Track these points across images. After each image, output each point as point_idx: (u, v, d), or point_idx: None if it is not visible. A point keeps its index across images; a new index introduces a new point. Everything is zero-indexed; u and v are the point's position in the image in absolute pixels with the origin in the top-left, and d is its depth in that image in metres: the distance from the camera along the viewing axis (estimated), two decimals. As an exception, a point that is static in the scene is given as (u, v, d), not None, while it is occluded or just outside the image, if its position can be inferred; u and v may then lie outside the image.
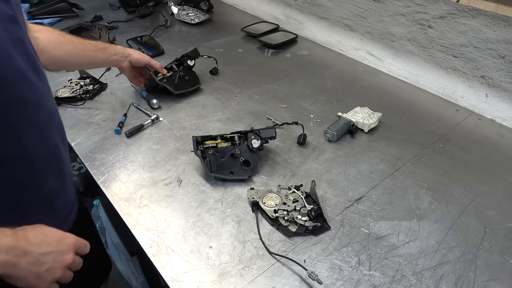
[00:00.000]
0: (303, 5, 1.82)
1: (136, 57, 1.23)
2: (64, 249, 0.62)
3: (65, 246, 0.63)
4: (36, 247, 0.57)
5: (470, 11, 1.23)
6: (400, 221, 0.94)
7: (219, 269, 0.82)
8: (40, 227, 0.61)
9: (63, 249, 0.62)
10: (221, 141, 1.09)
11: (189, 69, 1.41)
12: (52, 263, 0.60)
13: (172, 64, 1.38)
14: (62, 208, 0.85)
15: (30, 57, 0.68)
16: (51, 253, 0.59)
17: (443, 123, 1.30)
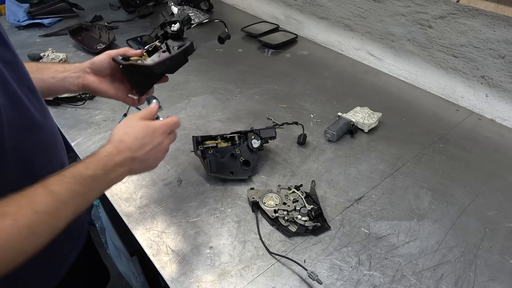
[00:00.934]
0: (303, 5, 1.82)
1: (98, 58, 0.86)
2: (159, 140, 0.72)
3: (160, 137, 0.72)
4: (138, 151, 0.68)
5: (470, 11, 1.23)
6: (400, 221, 0.94)
7: (219, 269, 0.82)
8: (132, 132, 0.69)
9: (159, 140, 0.72)
10: (221, 141, 1.09)
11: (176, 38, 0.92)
12: (155, 154, 0.71)
13: (155, 43, 0.89)
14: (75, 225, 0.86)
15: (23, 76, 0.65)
16: (151, 149, 0.70)
17: (443, 123, 1.30)
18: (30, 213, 0.52)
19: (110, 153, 0.64)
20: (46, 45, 1.70)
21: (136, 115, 0.73)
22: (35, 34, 1.81)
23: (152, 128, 0.71)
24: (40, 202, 0.53)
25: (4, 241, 0.48)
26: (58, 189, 0.56)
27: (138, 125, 0.70)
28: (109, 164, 0.63)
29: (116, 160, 0.64)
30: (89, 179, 0.60)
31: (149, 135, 0.70)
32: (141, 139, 0.68)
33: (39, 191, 0.54)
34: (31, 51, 1.58)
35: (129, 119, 0.72)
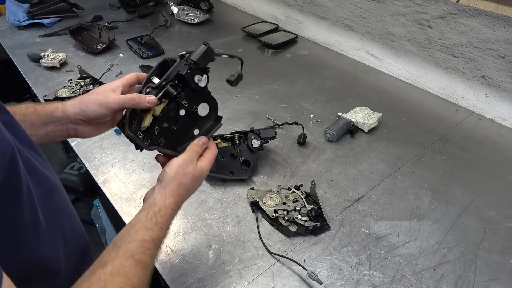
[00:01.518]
0: (303, 5, 1.82)
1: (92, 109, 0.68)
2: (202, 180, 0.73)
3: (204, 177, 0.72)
4: (187, 197, 0.70)
5: (470, 11, 1.23)
6: (400, 221, 0.94)
7: (219, 269, 0.82)
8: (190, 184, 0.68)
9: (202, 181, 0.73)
10: (221, 141, 1.09)
11: (197, 94, 0.72)
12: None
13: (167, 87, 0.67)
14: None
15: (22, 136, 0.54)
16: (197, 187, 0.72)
17: (443, 123, 1.30)
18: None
19: (173, 209, 0.66)
20: (46, 45, 1.70)
21: (194, 159, 0.69)
22: (35, 34, 1.81)
23: (202, 177, 0.71)
24: (134, 276, 0.54)
25: None
26: (144, 258, 0.57)
27: (195, 175, 0.69)
28: (171, 221, 0.66)
29: (175, 213, 0.67)
30: (162, 239, 0.63)
31: (198, 184, 0.71)
32: (192, 190, 0.71)
33: (128, 265, 0.54)
34: (31, 51, 1.58)
35: (189, 163, 0.68)
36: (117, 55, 1.66)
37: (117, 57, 1.64)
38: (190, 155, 0.69)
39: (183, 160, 0.68)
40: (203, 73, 0.69)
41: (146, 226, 0.60)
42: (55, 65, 1.53)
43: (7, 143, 0.45)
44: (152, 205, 0.64)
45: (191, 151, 0.70)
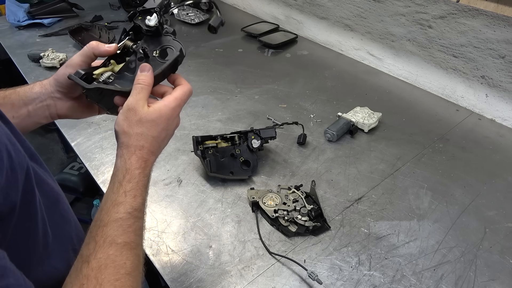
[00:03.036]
0: (303, 5, 1.82)
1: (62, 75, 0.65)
2: (174, 125, 0.64)
3: (175, 121, 0.64)
4: (158, 150, 0.61)
5: (470, 11, 1.23)
6: (400, 221, 0.94)
7: (219, 269, 0.82)
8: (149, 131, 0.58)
9: (175, 125, 0.64)
10: (221, 141, 1.09)
11: (154, 36, 0.67)
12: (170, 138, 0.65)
13: (125, 41, 0.68)
14: None
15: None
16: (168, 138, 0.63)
17: (443, 123, 1.30)
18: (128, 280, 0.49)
19: (140, 167, 0.57)
20: (46, 45, 1.70)
21: (139, 101, 0.58)
22: (35, 34, 1.81)
23: (166, 117, 0.60)
24: (125, 263, 0.50)
25: None
26: (128, 238, 0.52)
27: (150, 119, 0.58)
28: (145, 181, 0.58)
29: (146, 172, 0.58)
30: (141, 207, 0.56)
31: (165, 127, 0.60)
32: (158, 137, 0.59)
33: (113, 252, 0.49)
34: (31, 51, 1.58)
35: (133, 110, 0.58)
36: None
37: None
38: (133, 98, 0.58)
39: (127, 108, 0.58)
40: (150, 14, 0.64)
41: (116, 201, 0.54)
42: (55, 65, 1.53)
43: (22, 156, 0.45)
44: (115, 174, 0.57)
45: (134, 90, 0.59)
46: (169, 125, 0.62)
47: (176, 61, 0.65)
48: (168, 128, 0.61)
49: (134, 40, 0.67)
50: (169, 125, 0.62)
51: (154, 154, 0.60)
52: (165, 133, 0.61)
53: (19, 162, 0.43)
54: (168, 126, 0.61)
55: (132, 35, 0.67)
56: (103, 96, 0.63)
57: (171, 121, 0.62)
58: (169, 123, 0.61)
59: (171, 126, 0.62)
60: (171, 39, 0.66)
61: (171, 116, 0.61)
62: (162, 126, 0.60)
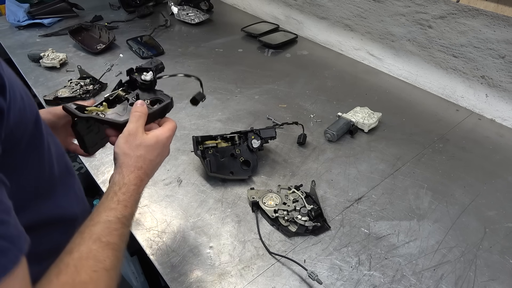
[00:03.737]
0: (303, 5, 1.82)
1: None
2: (167, 151, 0.71)
3: (167, 150, 0.71)
4: (152, 172, 0.68)
5: (470, 11, 1.23)
6: (400, 221, 0.94)
7: (219, 269, 0.82)
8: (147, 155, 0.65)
9: (166, 152, 0.71)
10: (221, 141, 1.09)
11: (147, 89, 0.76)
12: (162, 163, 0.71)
13: (117, 91, 0.75)
14: None
15: None
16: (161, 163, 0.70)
17: (443, 123, 1.30)
18: (105, 275, 0.51)
19: (136, 185, 0.63)
20: (46, 45, 1.70)
21: (139, 128, 0.66)
22: (35, 34, 1.81)
23: (162, 144, 0.68)
24: (105, 259, 0.52)
25: None
26: (112, 240, 0.55)
27: (148, 144, 0.66)
28: (138, 197, 0.64)
29: (140, 190, 0.65)
30: (129, 217, 0.61)
31: (160, 152, 0.68)
32: (154, 160, 0.67)
33: (95, 248, 0.52)
34: (31, 51, 1.58)
35: (134, 135, 0.65)
36: (117, 55, 1.66)
37: (117, 57, 1.64)
38: (131, 126, 0.66)
39: (127, 133, 0.65)
40: (147, 71, 0.74)
41: (108, 207, 0.59)
42: (55, 65, 1.53)
43: (34, 105, 0.53)
44: (111, 186, 0.62)
45: (132, 117, 0.66)
46: (163, 151, 0.69)
47: (167, 107, 0.72)
48: (162, 154, 0.69)
49: (126, 91, 0.76)
50: (163, 152, 0.69)
51: (148, 176, 0.67)
52: (160, 158, 0.69)
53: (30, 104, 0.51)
54: (163, 152, 0.69)
55: (126, 87, 0.76)
56: (90, 130, 0.70)
57: (165, 148, 0.69)
58: (163, 150, 0.69)
59: (164, 153, 0.70)
60: (163, 93, 0.75)
61: (165, 144, 0.69)
62: (158, 151, 0.67)
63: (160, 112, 0.72)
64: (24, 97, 0.49)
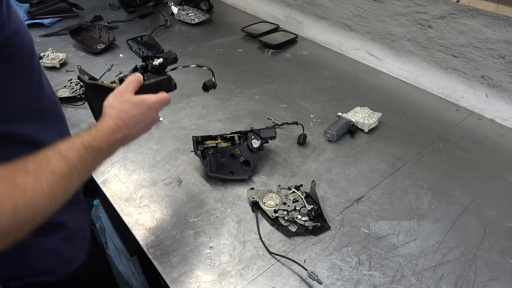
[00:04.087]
0: (303, 5, 1.82)
1: None
2: (152, 116, 0.75)
3: (152, 113, 0.75)
4: (134, 128, 0.71)
5: (470, 11, 1.23)
6: (400, 221, 0.94)
7: (219, 269, 0.82)
8: (129, 110, 0.71)
9: (152, 117, 0.76)
10: (221, 141, 1.09)
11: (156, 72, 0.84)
12: (146, 129, 0.76)
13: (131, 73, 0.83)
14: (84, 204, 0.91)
15: None
16: (144, 125, 0.74)
17: (443, 123, 1.30)
18: (49, 174, 0.53)
19: (113, 129, 0.67)
20: (46, 45, 1.70)
21: (129, 89, 0.73)
22: (35, 34, 1.80)
23: (147, 105, 0.74)
24: (56, 165, 0.55)
25: (29, 197, 0.49)
26: (70, 155, 0.58)
27: (134, 101, 0.72)
28: (111, 140, 0.67)
29: (117, 136, 0.68)
30: (96, 150, 0.63)
31: (144, 112, 0.73)
32: (137, 117, 0.72)
33: (53, 155, 0.56)
34: (31, 51, 1.57)
35: (123, 92, 0.73)
36: (117, 55, 1.66)
37: (117, 57, 1.64)
38: (122, 86, 0.74)
39: (117, 91, 0.73)
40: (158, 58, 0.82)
41: (79, 135, 0.63)
42: (55, 65, 1.53)
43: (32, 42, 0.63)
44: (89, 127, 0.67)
45: (124, 82, 0.75)
46: (149, 113, 0.74)
47: (162, 81, 0.81)
48: (147, 115, 0.73)
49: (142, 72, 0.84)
50: (149, 113, 0.74)
51: (128, 129, 0.70)
52: (144, 118, 0.73)
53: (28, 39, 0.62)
54: (148, 114, 0.74)
55: (140, 70, 0.84)
56: (99, 96, 0.75)
57: (150, 110, 0.74)
58: (149, 111, 0.74)
59: (150, 115, 0.74)
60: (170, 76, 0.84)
61: (151, 106, 0.74)
62: (142, 111, 0.72)
63: (155, 85, 0.79)
64: (24, 28, 0.60)
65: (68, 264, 0.82)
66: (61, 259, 0.80)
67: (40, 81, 0.69)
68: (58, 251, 0.78)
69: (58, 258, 0.79)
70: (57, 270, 0.80)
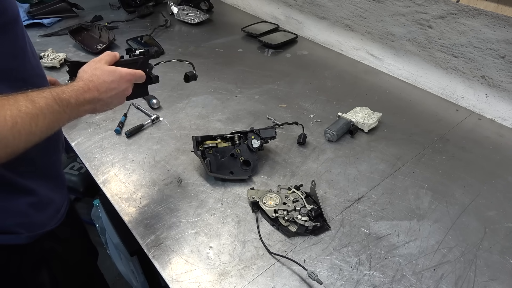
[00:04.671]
0: (303, 5, 1.82)
1: None
2: (124, 87, 0.79)
3: (124, 84, 0.79)
4: (104, 94, 0.74)
5: (470, 11, 1.23)
6: (400, 221, 0.94)
7: (219, 269, 0.82)
8: (101, 75, 0.75)
9: (124, 87, 0.79)
10: (221, 141, 1.09)
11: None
12: (118, 99, 0.79)
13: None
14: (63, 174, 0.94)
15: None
16: (116, 94, 0.77)
17: (443, 123, 1.30)
18: (14, 109, 0.57)
19: (82, 88, 0.70)
20: (46, 45, 1.70)
21: (102, 60, 0.79)
22: (35, 34, 1.80)
23: (119, 74, 0.77)
24: (23, 104, 0.58)
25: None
26: (38, 100, 0.61)
27: (106, 69, 0.76)
28: (80, 97, 0.69)
29: (86, 96, 0.71)
30: (65, 102, 0.66)
31: (115, 80, 0.76)
32: (108, 83, 0.75)
33: (21, 97, 0.59)
34: (31, 51, 1.57)
35: (96, 62, 0.78)
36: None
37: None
38: (97, 58, 0.79)
39: (91, 61, 0.79)
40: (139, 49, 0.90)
41: (48, 87, 0.66)
42: (55, 65, 1.53)
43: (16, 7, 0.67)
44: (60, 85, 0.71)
45: (100, 56, 0.80)
46: (120, 82, 0.77)
47: (137, 61, 0.86)
48: (118, 84, 0.77)
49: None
50: (120, 82, 0.77)
51: (99, 92, 0.73)
52: (115, 85, 0.76)
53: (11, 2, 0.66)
54: (119, 83, 0.77)
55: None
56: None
57: (122, 80, 0.78)
58: (120, 81, 0.77)
59: (121, 85, 0.78)
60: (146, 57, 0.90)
61: (123, 76, 0.78)
62: (112, 78, 0.76)
63: (129, 63, 0.85)
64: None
65: (32, 228, 0.82)
66: (25, 222, 0.80)
67: (24, 50, 0.72)
68: (24, 214, 0.79)
69: (23, 221, 0.80)
70: (19, 232, 0.80)
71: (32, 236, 0.82)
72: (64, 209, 0.91)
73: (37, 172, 0.79)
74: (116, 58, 0.82)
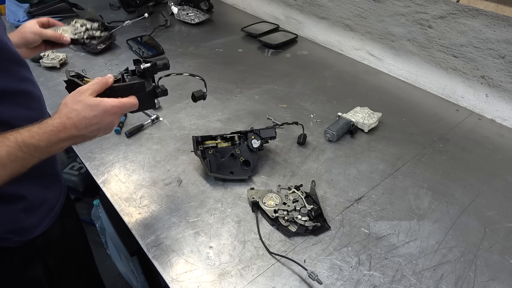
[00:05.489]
0: (303, 5, 1.82)
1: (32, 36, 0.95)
2: (109, 121, 0.72)
3: (109, 118, 0.72)
4: (84, 130, 0.69)
5: (470, 11, 1.23)
6: (400, 221, 0.94)
7: (219, 269, 0.82)
8: (81, 110, 0.68)
9: (108, 121, 0.72)
10: (221, 141, 1.09)
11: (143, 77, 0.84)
12: (101, 132, 0.73)
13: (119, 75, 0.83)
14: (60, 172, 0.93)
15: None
16: (98, 129, 0.71)
17: (443, 123, 1.30)
18: None
19: (57, 128, 0.66)
20: (46, 45, 1.69)
21: (89, 90, 0.71)
22: (35, 34, 1.80)
23: (103, 109, 0.70)
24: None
25: None
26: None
27: (89, 103, 0.69)
28: (53, 138, 0.66)
29: (61, 136, 0.66)
30: (32, 148, 0.63)
31: (98, 115, 0.70)
32: (89, 119, 0.69)
33: None
34: (31, 51, 1.57)
35: (81, 93, 0.71)
36: (117, 55, 1.66)
37: (117, 57, 1.64)
38: (84, 86, 0.72)
39: (76, 91, 0.71)
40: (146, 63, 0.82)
41: (17, 131, 0.63)
42: (55, 65, 1.53)
43: None
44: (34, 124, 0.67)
45: (89, 83, 0.73)
46: (104, 116, 0.70)
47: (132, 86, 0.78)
48: (102, 118, 0.70)
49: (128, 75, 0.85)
50: (104, 117, 0.70)
51: (77, 129, 0.68)
52: (97, 120, 0.70)
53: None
54: (103, 117, 0.70)
55: (130, 72, 0.84)
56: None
57: (106, 115, 0.71)
58: (104, 115, 0.70)
59: (105, 119, 0.71)
60: (150, 81, 0.83)
61: (107, 110, 0.70)
62: (95, 113, 0.69)
63: (123, 88, 0.77)
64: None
65: (23, 233, 0.82)
66: (15, 229, 0.79)
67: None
68: (15, 221, 0.78)
69: (13, 228, 0.79)
70: (10, 238, 0.79)
71: (23, 240, 0.82)
72: (60, 204, 0.90)
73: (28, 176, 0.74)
74: (107, 85, 0.74)
